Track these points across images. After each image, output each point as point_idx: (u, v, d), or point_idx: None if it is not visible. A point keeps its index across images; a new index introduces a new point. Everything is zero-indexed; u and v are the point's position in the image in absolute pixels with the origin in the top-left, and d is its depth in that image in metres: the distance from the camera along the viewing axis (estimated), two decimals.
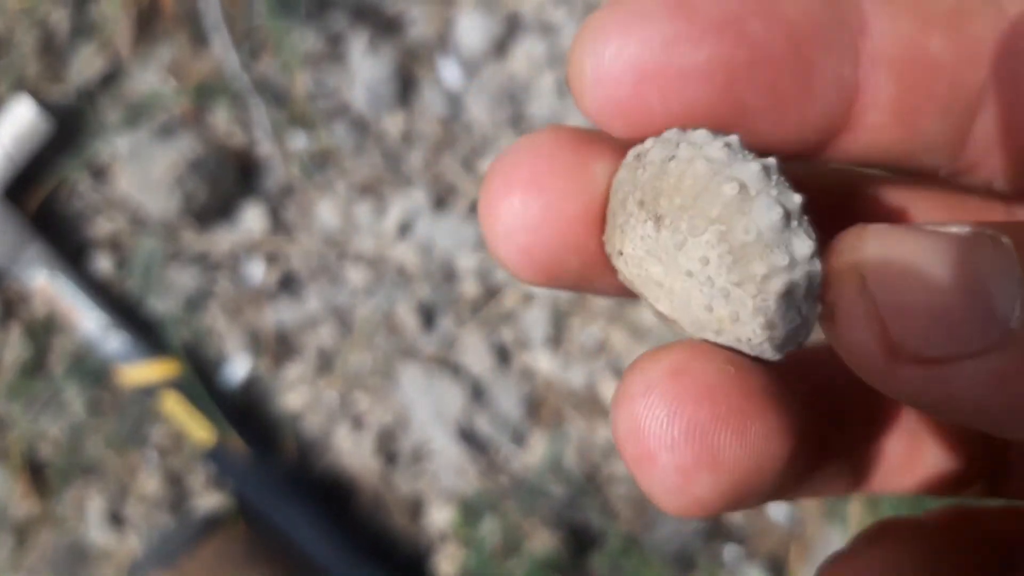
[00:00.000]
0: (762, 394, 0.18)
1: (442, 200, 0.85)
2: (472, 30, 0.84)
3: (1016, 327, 0.15)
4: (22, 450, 0.85)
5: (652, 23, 0.18)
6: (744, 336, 0.19)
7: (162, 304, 0.86)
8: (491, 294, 0.84)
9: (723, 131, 0.19)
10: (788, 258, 0.18)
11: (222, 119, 0.87)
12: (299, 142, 0.86)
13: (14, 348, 0.86)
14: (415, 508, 0.83)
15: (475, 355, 0.83)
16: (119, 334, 0.83)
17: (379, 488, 0.84)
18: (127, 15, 0.86)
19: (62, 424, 0.86)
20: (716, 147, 0.18)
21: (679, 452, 0.18)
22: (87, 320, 0.84)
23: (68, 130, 0.87)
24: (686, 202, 0.18)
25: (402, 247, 0.84)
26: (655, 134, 0.19)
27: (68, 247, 0.87)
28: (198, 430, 0.82)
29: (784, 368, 0.20)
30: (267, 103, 0.86)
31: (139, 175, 0.83)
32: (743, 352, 0.19)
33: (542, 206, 0.20)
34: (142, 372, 0.83)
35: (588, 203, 0.20)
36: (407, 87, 0.86)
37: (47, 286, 0.84)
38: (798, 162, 0.21)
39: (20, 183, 0.85)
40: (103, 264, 0.87)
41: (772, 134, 0.20)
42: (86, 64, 0.87)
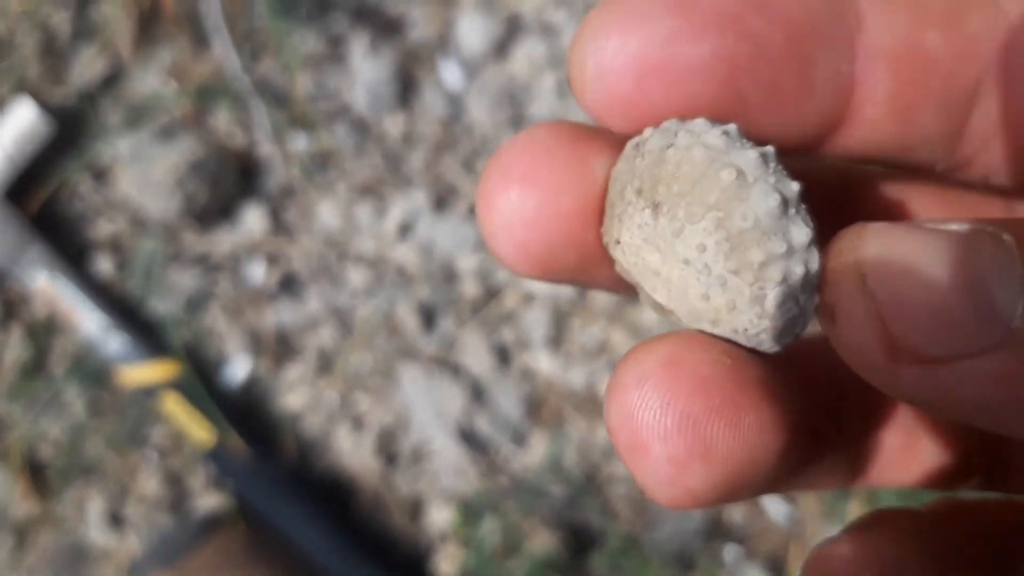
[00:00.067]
0: (757, 386, 0.18)
1: (442, 201, 0.85)
2: (472, 31, 0.84)
3: (1017, 326, 0.15)
4: (22, 450, 0.85)
5: (653, 19, 0.18)
6: (741, 326, 0.19)
7: (163, 305, 0.86)
8: (491, 294, 0.84)
9: (722, 121, 0.19)
10: (786, 245, 0.18)
11: (223, 120, 0.87)
12: (300, 143, 0.86)
13: (15, 349, 0.86)
14: (415, 508, 0.83)
15: (475, 355, 0.83)
16: (120, 335, 0.83)
17: (379, 488, 0.84)
18: (128, 17, 0.86)
19: (62, 425, 0.86)
20: (714, 135, 0.19)
21: (672, 443, 0.17)
22: (88, 321, 0.84)
23: (69, 131, 0.87)
24: (684, 189, 0.18)
25: (402, 248, 0.84)
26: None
27: (69, 248, 0.87)
28: (198, 430, 0.82)
29: (780, 360, 0.19)
30: (268, 104, 0.86)
31: (140, 176, 0.83)
32: (739, 343, 0.19)
33: (539, 200, 0.20)
34: (142, 373, 0.83)
35: (585, 197, 0.20)
36: (408, 88, 0.86)
37: (48, 287, 0.84)
38: (796, 157, 0.21)
39: (21, 184, 0.85)
40: (104, 265, 0.87)
41: (771, 128, 0.20)
42: (87, 66, 0.88)
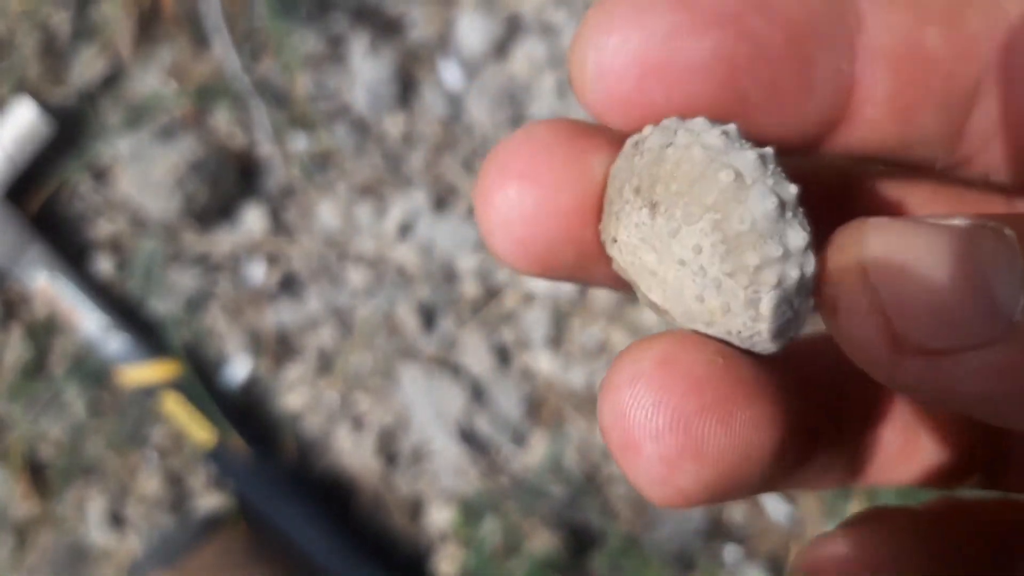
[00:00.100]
0: (750, 385, 0.18)
1: (442, 201, 0.85)
2: (472, 31, 0.84)
3: (1019, 319, 0.15)
4: (23, 451, 0.85)
5: (654, 17, 0.18)
6: (734, 328, 0.19)
7: (163, 305, 0.86)
8: (491, 294, 0.84)
9: (722, 120, 0.19)
10: (782, 249, 0.18)
11: (223, 120, 0.87)
12: (300, 143, 0.86)
13: (15, 349, 0.86)
14: (415, 508, 0.83)
15: (475, 355, 0.83)
16: (120, 335, 0.83)
17: (379, 488, 0.84)
18: (128, 17, 0.86)
19: (63, 425, 0.86)
20: (714, 135, 0.18)
21: (663, 442, 0.17)
22: (88, 321, 0.84)
23: (69, 132, 0.87)
24: (682, 188, 0.18)
25: (402, 248, 0.84)
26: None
27: (69, 248, 0.87)
28: (199, 430, 0.82)
29: (777, 359, 0.19)
30: (268, 104, 0.86)
31: (140, 176, 0.83)
32: (734, 345, 0.19)
33: (537, 197, 0.20)
34: (143, 373, 0.83)
35: (583, 194, 0.20)
36: (408, 88, 0.86)
37: (48, 287, 0.84)
38: (796, 156, 0.21)
39: (21, 184, 0.85)
40: (104, 265, 0.87)
41: (772, 127, 0.20)
42: (87, 66, 0.88)
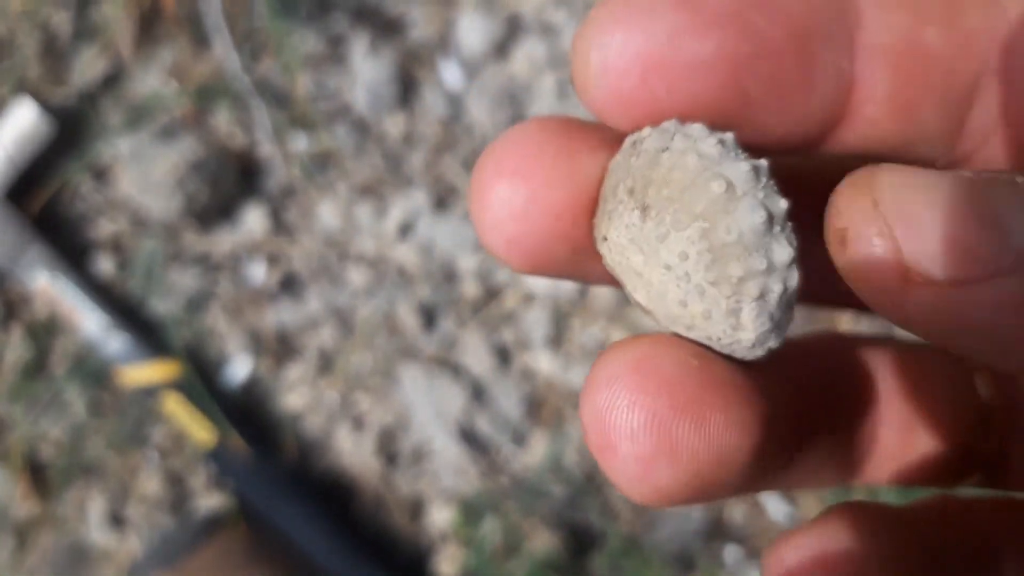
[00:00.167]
0: (725, 387, 0.18)
1: (443, 201, 0.85)
2: (473, 31, 0.85)
3: None
4: (23, 451, 0.85)
5: (657, 16, 0.18)
6: (714, 335, 0.19)
7: (163, 305, 0.86)
8: (491, 295, 0.84)
9: (721, 128, 0.19)
10: (766, 263, 0.18)
11: (223, 120, 0.87)
12: (300, 143, 0.86)
13: (15, 349, 0.86)
14: (415, 508, 0.83)
15: (475, 355, 0.83)
16: (120, 335, 0.84)
17: (379, 488, 0.84)
18: (128, 17, 0.87)
19: (63, 425, 0.86)
20: (710, 143, 0.19)
21: (639, 442, 0.18)
22: (88, 321, 0.84)
23: (70, 132, 0.87)
24: (673, 194, 0.18)
25: (403, 248, 0.84)
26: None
27: (69, 248, 0.87)
28: (199, 431, 0.82)
29: (768, 360, 0.19)
30: (268, 104, 0.86)
31: (140, 176, 0.83)
32: (713, 349, 0.19)
33: (529, 194, 0.20)
34: (143, 373, 0.84)
35: (575, 192, 0.20)
36: (408, 88, 0.86)
37: (48, 287, 0.84)
38: (797, 154, 0.21)
39: (22, 185, 0.86)
40: (104, 265, 0.87)
41: (773, 126, 0.20)
42: (88, 66, 0.88)
